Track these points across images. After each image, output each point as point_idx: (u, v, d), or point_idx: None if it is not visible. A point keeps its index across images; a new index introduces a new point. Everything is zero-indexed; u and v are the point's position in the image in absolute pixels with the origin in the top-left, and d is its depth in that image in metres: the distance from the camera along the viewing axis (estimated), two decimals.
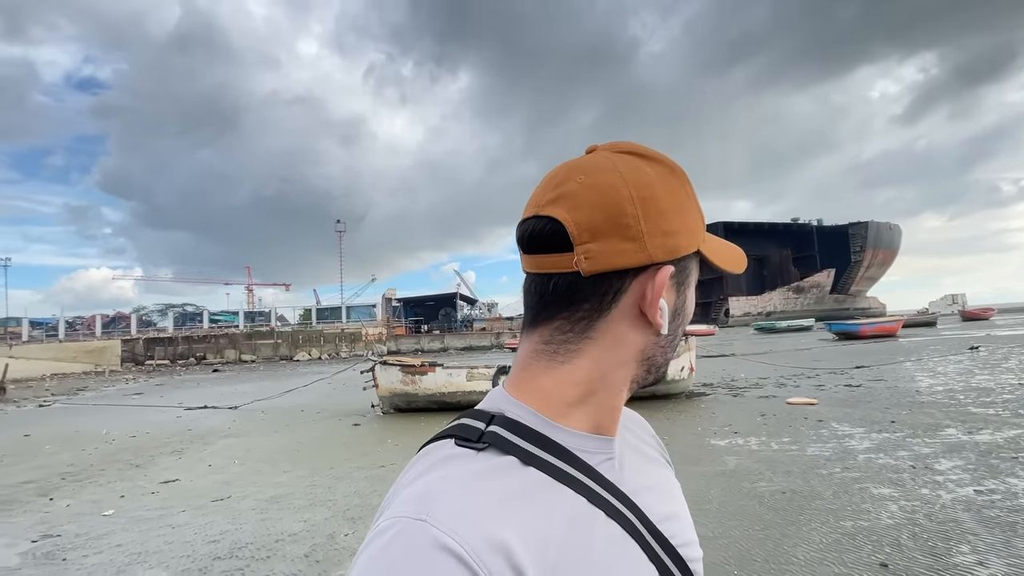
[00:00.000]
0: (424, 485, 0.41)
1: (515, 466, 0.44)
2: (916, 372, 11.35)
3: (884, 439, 5.67)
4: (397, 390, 9.34)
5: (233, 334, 45.39)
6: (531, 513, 0.41)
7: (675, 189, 0.48)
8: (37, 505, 4.88)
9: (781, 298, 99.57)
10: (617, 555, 0.44)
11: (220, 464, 6.17)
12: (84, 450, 7.47)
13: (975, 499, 3.76)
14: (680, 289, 0.49)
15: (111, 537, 3.93)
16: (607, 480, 0.47)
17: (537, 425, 0.47)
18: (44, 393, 19.52)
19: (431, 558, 0.36)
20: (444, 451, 0.45)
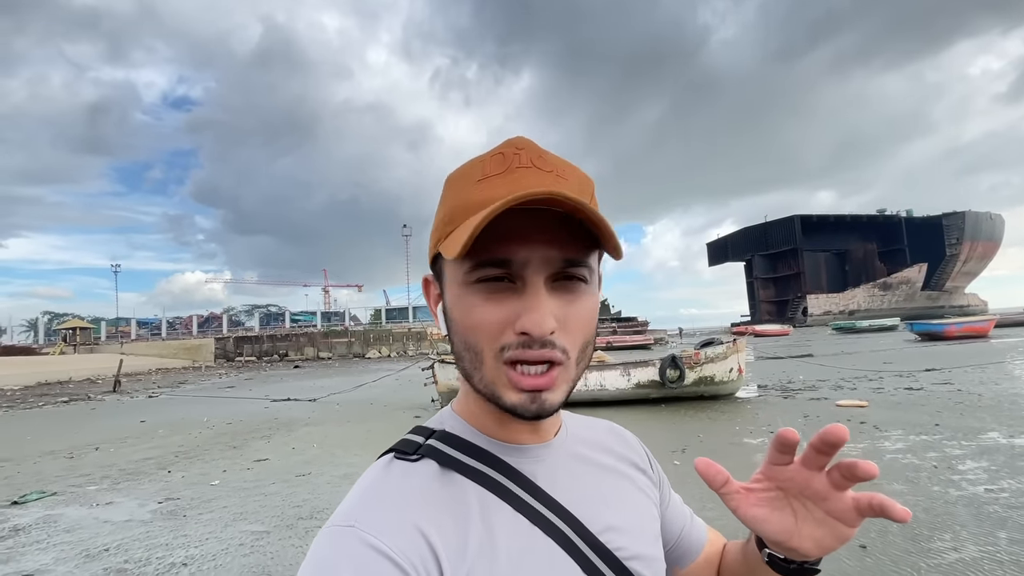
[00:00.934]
0: (356, 496, 0.46)
1: (443, 474, 0.47)
2: (990, 376, 10.82)
3: (919, 441, 5.74)
4: (454, 386, 10.09)
5: (311, 333, 48.57)
6: (452, 514, 0.44)
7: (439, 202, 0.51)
8: (158, 476, 5.96)
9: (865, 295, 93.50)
10: (538, 561, 0.45)
11: (302, 447, 7.12)
12: (190, 434, 8.72)
13: (980, 496, 3.93)
14: (442, 291, 0.50)
15: (218, 501, 4.85)
16: (536, 487, 0.49)
17: (470, 436, 0.50)
18: (152, 386, 21.97)
19: (359, 557, 0.40)
20: (382, 465, 0.49)
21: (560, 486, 0.50)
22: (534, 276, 0.45)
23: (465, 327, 0.46)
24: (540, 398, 0.45)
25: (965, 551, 3.07)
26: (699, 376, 9.32)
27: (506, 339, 0.45)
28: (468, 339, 0.46)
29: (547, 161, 0.47)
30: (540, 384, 0.45)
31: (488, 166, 0.47)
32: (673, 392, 9.20)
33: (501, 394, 0.46)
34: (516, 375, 0.45)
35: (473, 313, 0.46)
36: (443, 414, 0.54)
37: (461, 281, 0.46)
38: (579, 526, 0.49)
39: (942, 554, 3.06)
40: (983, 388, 9.18)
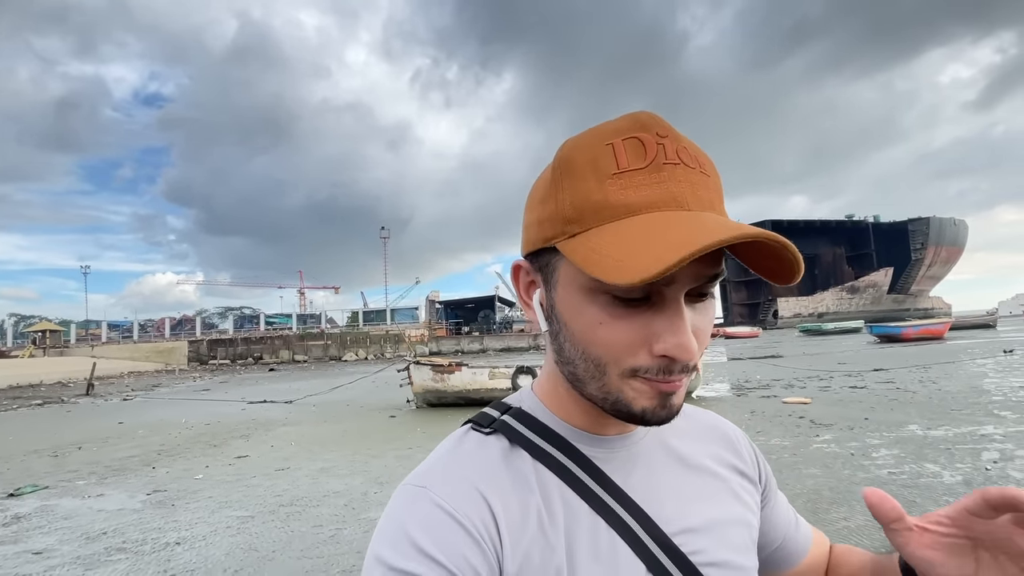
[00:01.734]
0: (432, 462, 0.49)
1: (512, 450, 0.49)
2: (931, 375, 11.67)
3: (847, 433, 6.39)
4: (428, 387, 10.53)
5: (287, 335, 48.28)
6: (515, 489, 0.46)
7: (545, 177, 0.46)
8: (144, 472, 6.27)
9: (834, 299, 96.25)
10: (599, 550, 0.45)
11: (280, 445, 7.48)
12: (170, 434, 8.98)
13: (882, 478, 4.55)
14: (547, 287, 0.46)
15: (204, 492, 5.22)
16: (605, 476, 0.48)
17: (544, 418, 0.50)
18: (125, 389, 21.83)
19: (428, 514, 0.43)
20: (459, 434, 0.51)
21: (635, 480, 0.49)
22: (677, 293, 0.41)
23: (588, 340, 0.43)
24: (669, 403, 0.43)
25: (853, 520, 3.65)
26: None
27: (640, 361, 0.41)
28: (590, 351, 0.43)
29: (689, 153, 0.42)
30: (673, 388, 0.42)
31: (624, 155, 0.41)
32: None
33: (628, 402, 0.42)
34: (652, 384, 0.42)
35: (600, 329, 0.42)
36: (523, 393, 0.54)
37: (586, 288, 0.42)
38: (650, 523, 0.47)
39: (834, 523, 3.63)
40: (920, 386, 9.96)
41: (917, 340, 26.12)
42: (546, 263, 0.46)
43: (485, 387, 10.20)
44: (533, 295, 0.48)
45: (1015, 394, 8.49)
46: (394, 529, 0.43)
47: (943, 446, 5.51)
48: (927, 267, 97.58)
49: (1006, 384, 9.64)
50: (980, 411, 7.24)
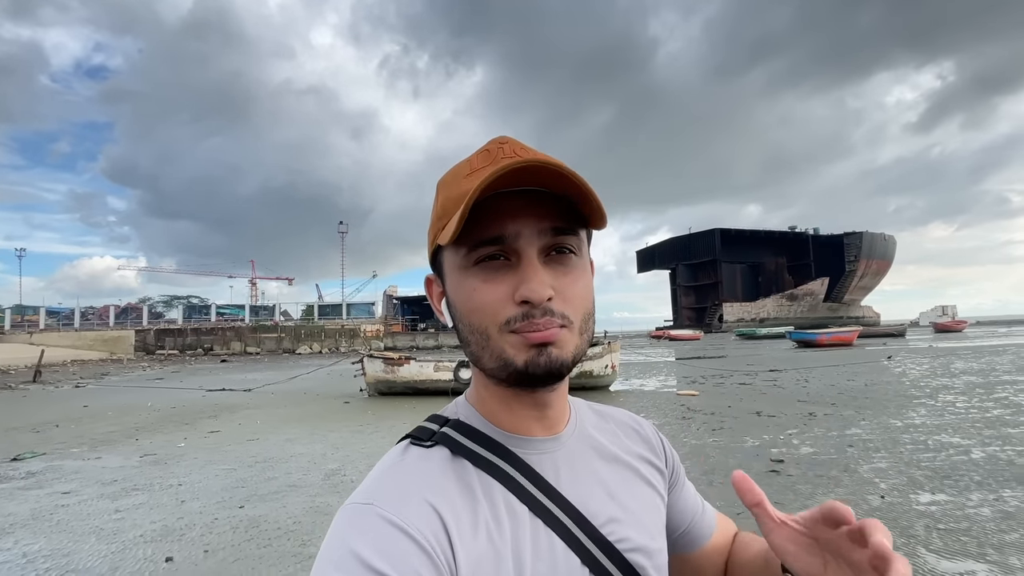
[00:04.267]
0: (375, 478, 0.50)
1: (455, 461, 0.51)
2: (811, 376, 13.78)
3: (711, 417, 8.13)
4: (380, 378, 11.82)
5: (239, 327, 48.03)
6: (462, 498, 0.48)
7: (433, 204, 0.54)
8: (129, 442, 7.36)
9: (775, 305, 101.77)
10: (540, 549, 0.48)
11: (247, 423, 8.66)
12: (140, 415, 9.96)
13: (706, 444, 6.22)
14: (443, 283, 0.54)
15: (188, 454, 6.42)
16: (540, 478, 0.52)
17: (480, 426, 0.54)
18: (73, 377, 21.95)
19: (377, 530, 0.44)
20: (399, 450, 0.53)
21: (564, 479, 0.53)
22: (527, 248, 0.48)
23: (468, 310, 0.50)
24: (547, 351, 0.48)
25: None
26: (580, 371, 11.56)
27: (509, 312, 0.48)
28: (472, 321, 0.49)
29: (530, 151, 0.50)
30: (547, 337, 0.47)
31: (475, 162, 0.50)
32: None
33: (512, 358, 0.48)
34: (523, 333, 0.47)
35: (475, 295, 0.49)
36: (458, 403, 0.57)
37: (460, 266, 0.50)
38: (581, 519, 0.51)
39: None
40: (794, 385, 11.97)
41: (830, 346, 29.03)
42: (440, 265, 0.54)
43: (431, 378, 11.58)
44: (442, 302, 0.55)
45: (850, 390, 10.52)
46: (339, 549, 0.43)
47: (769, 425, 7.29)
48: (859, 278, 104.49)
49: (857, 383, 11.75)
50: (816, 402, 9.15)
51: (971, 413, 7.67)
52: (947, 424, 6.94)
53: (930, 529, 3.57)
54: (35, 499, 4.84)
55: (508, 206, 0.48)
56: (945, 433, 6.43)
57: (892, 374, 13.42)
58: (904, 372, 13.81)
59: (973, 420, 7.15)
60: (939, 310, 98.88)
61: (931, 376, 12.68)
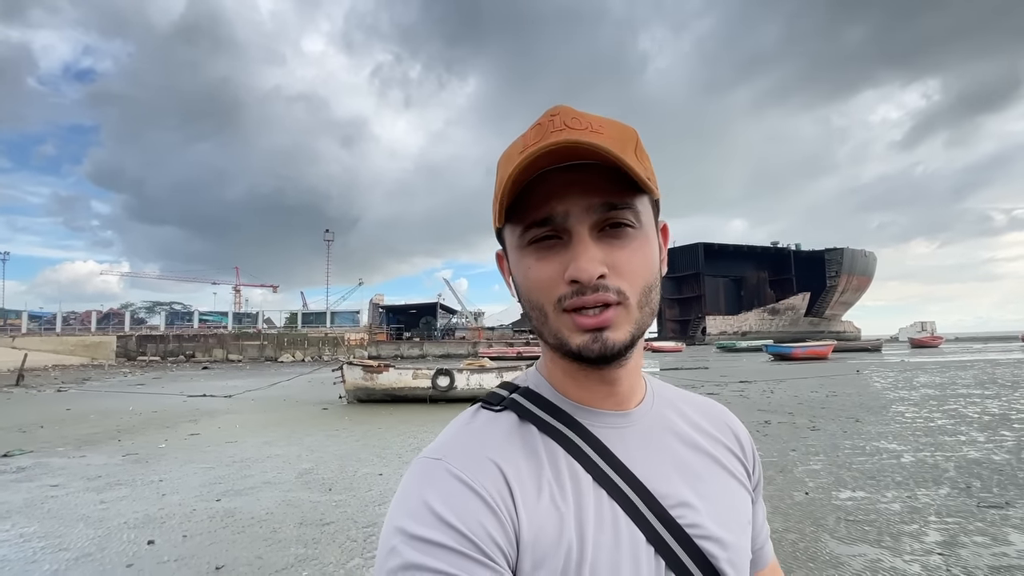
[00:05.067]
0: (446, 436, 0.52)
1: (522, 426, 0.52)
2: (777, 388, 14.30)
3: None
4: (360, 385, 12.11)
5: (222, 334, 47.79)
6: (527, 461, 0.50)
7: None
8: (112, 443, 7.60)
9: (757, 319, 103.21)
10: (603, 519, 0.49)
11: (226, 427, 8.92)
12: (122, 418, 10.15)
13: None
14: (508, 261, 0.55)
15: (169, 455, 6.70)
16: (607, 450, 0.52)
17: (549, 395, 0.55)
18: (55, 381, 21.89)
19: (446, 483, 0.46)
20: (470, 412, 0.55)
21: (635, 455, 0.52)
22: (578, 227, 0.48)
23: (527, 288, 0.51)
24: (601, 337, 0.48)
25: None
26: None
27: (561, 291, 0.48)
28: (531, 298, 0.51)
29: (581, 121, 0.49)
30: (599, 323, 0.48)
31: (528, 138, 0.49)
32: None
33: (567, 339, 0.49)
34: (578, 317, 0.48)
35: (530, 273, 0.50)
36: (529, 373, 0.59)
37: (518, 245, 0.51)
38: (648, 496, 0.51)
39: None
40: (760, 395, 12.46)
41: (805, 359, 29.76)
42: (503, 242, 0.55)
43: (409, 385, 11.90)
44: (510, 277, 0.55)
45: (811, 401, 11.03)
46: (412, 499, 0.46)
47: None
48: (840, 293, 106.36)
49: (816, 396, 12.28)
50: (775, 411, 9.63)
51: (916, 423, 8.18)
52: (889, 432, 7.43)
53: (839, 520, 4.01)
54: (26, 490, 5.11)
55: (555, 184, 0.48)
56: (884, 440, 6.91)
57: (856, 387, 13.99)
58: (868, 385, 14.39)
59: (915, 429, 7.65)
60: (918, 326, 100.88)
61: (892, 389, 13.26)
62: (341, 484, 5.24)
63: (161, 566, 3.38)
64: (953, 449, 6.32)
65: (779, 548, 3.47)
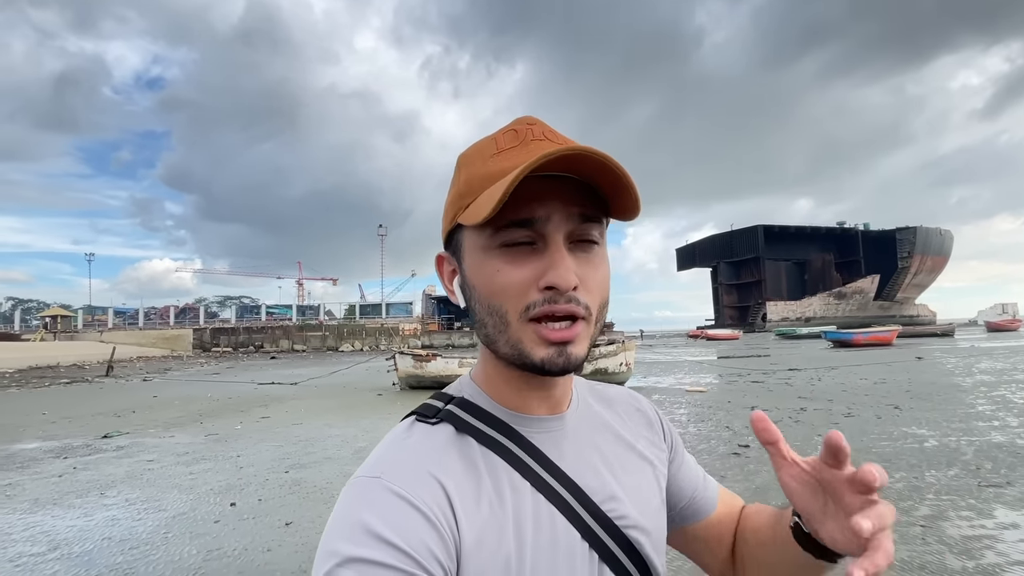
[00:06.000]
0: (382, 453, 0.52)
1: (459, 438, 0.52)
2: (830, 374, 14.09)
3: (702, 410, 8.79)
4: (410, 372, 12.92)
5: (287, 326, 50.69)
6: (468, 473, 0.50)
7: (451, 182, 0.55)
8: (195, 425, 8.64)
9: (821, 304, 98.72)
10: (541, 523, 0.50)
11: (292, 411, 9.87)
12: (202, 404, 11.35)
13: (686, 430, 6.94)
14: (460, 264, 0.54)
15: (245, 435, 7.61)
16: (542, 455, 0.53)
17: (484, 404, 0.55)
18: (140, 371, 24.06)
19: (385, 501, 0.45)
20: (405, 426, 0.55)
21: (567, 456, 0.54)
22: (555, 234, 0.48)
23: (490, 291, 0.50)
24: (566, 351, 0.49)
25: None
26: (595, 368, 12.33)
27: (531, 297, 0.48)
28: (492, 303, 0.50)
29: (558, 135, 0.51)
30: (566, 336, 0.48)
31: (502, 141, 0.51)
32: None
33: (529, 351, 0.49)
34: (544, 330, 0.48)
35: (498, 276, 0.49)
36: (462, 381, 0.59)
37: (483, 247, 0.50)
38: (581, 495, 0.53)
39: None
40: (805, 383, 12.38)
41: (866, 346, 28.60)
42: (457, 243, 0.54)
43: (455, 373, 12.57)
44: (454, 281, 0.55)
45: (857, 388, 10.90)
46: (347, 520, 0.45)
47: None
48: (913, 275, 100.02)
49: (864, 383, 12.06)
50: (814, 399, 9.65)
51: (957, 410, 8.07)
52: (925, 419, 7.42)
53: None
54: (127, 465, 6.06)
55: (538, 189, 0.47)
56: (916, 426, 6.94)
57: (910, 374, 13.59)
58: (923, 372, 13.94)
59: (953, 416, 7.58)
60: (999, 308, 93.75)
61: (947, 376, 12.84)
62: None
63: (242, 522, 4.10)
64: (981, 434, 6.32)
65: None
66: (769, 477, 4.87)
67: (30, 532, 4.02)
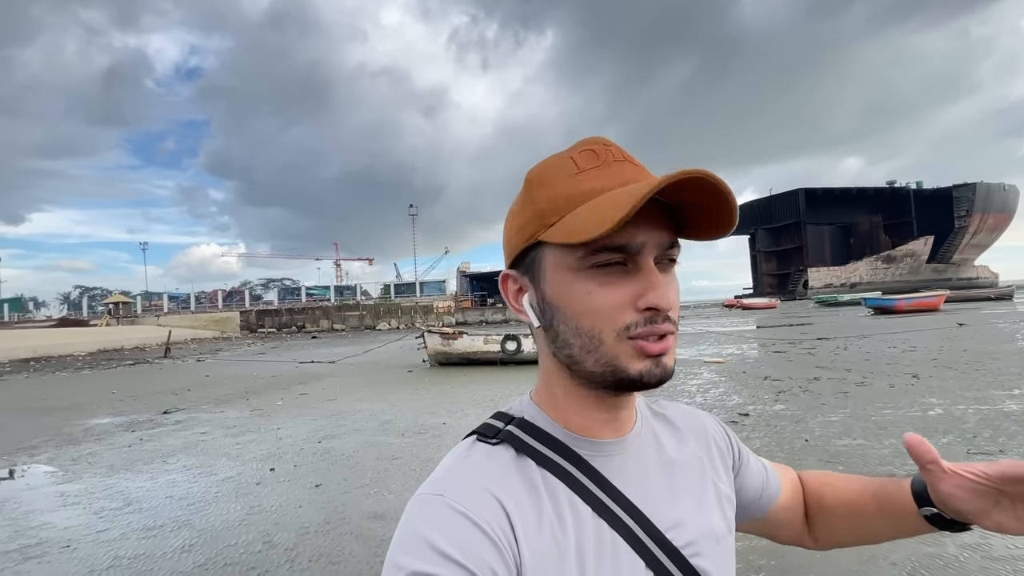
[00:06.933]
0: (444, 471, 0.52)
1: (519, 459, 0.52)
2: (859, 343, 13.99)
3: (718, 378, 9.03)
4: (439, 350, 13.53)
5: (326, 306, 52.56)
6: (528, 495, 0.49)
7: (519, 196, 0.55)
8: (241, 401, 9.46)
9: (868, 268, 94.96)
10: (603, 550, 0.49)
11: (328, 388, 10.62)
12: (248, 383, 12.27)
13: (693, 400, 7.24)
14: (535, 284, 0.53)
15: (285, 410, 8.34)
16: (606, 480, 0.52)
17: (545, 426, 0.54)
18: (193, 353, 25.65)
19: (447, 519, 0.46)
20: (466, 445, 0.55)
21: (630, 481, 0.54)
22: (648, 257, 0.49)
23: (579, 313, 0.49)
24: (662, 362, 0.49)
25: None
26: None
27: (629, 318, 0.48)
28: (582, 324, 0.49)
29: (632, 157, 0.52)
30: (663, 348, 0.49)
31: (581, 161, 0.51)
32: None
33: (626, 366, 0.49)
34: (643, 344, 0.48)
35: (590, 298, 0.49)
36: (523, 402, 0.58)
37: (572, 267, 0.50)
38: (646, 522, 0.52)
39: None
40: (828, 353, 12.39)
41: (910, 312, 27.71)
42: (531, 261, 0.53)
43: (481, 350, 13.14)
44: (523, 299, 0.54)
45: (883, 357, 10.87)
46: (411, 535, 0.45)
47: (764, 387, 8.13)
48: (971, 235, 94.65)
49: (892, 351, 11.97)
50: (833, 368, 9.73)
51: (980, 378, 8.05)
52: (940, 387, 7.49)
53: (824, 463, 4.55)
54: (184, 437, 6.83)
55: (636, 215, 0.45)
56: (928, 395, 7.04)
57: (945, 341, 13.36)
58: (959, 339, 13.67)
59: (969, 385, 7.60)
60: None
61: (986, 343, 12.57)
62: (412, 431, 6.47)
63: (279, 484, 4.73)
64: (992, 403, 6.39)
65: None
66: (759, 444, 5.18)
67: (108, 492, 4.74)
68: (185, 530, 3.81)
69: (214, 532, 3.75)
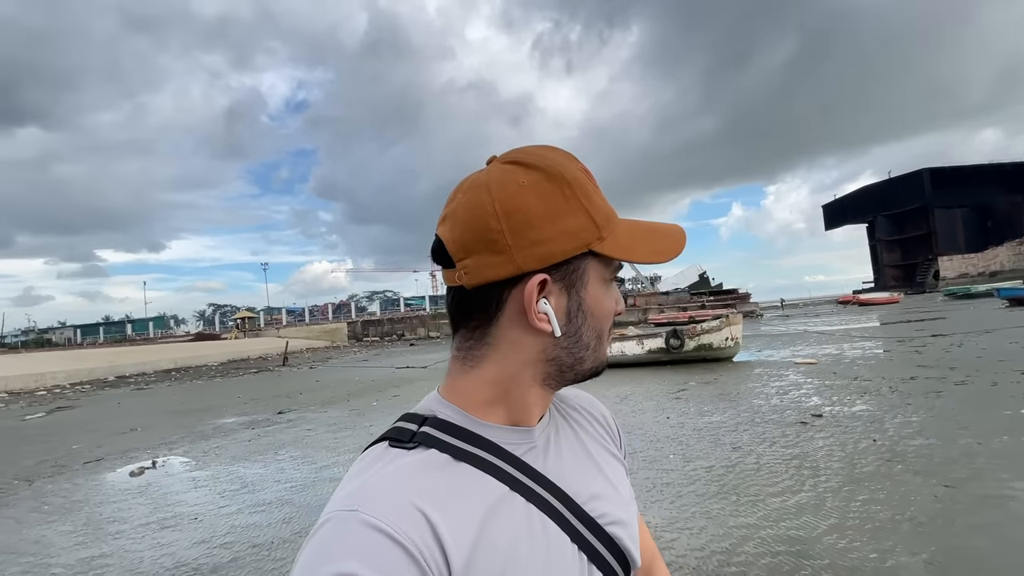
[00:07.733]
0: (356, 482, 0.47)
1: (441, 459, 0.50)
2: (979, 340, 12.67)
3: (803, 380, 8.71)
4: None
5: (422, 315, 55.31)
6: (454, 497, 0.47)
7: (549, 195, 0.51)
8: (343, 402, 10.56)
9: (1010, 254, 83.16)
10: (535, 534, 0.50)
11: (419, 390, 11.49)
12: (350, 386, 13.54)
13: (771, 406, 7.11)
14: (570, 291, 0.52)
15: (379, 410, 9.26)
16: (529, 467, 0.53)
17: (463, 423, 0.53)
18: (308, 360, 28.29)
19: (363, 538, 0.42)
20: (377, 452, 0.51)
21: (549, 462, 0.55)
22: None
23: (599, 316, 0.55)
24: None
25: (738, 430, 6.42)
26: (699, 343, 12.44)
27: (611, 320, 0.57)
28: (598, 326, 0.55)
29: None
30: None
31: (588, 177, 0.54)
32: (678, 356, 12.46)
33: (603, 358, 0.57)
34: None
35: (606, 304, 0.55)
36: (430, 399, 0.57)
37: (603, 279, 0.55)
38: (567, 499, 0.53)
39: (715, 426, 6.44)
40: (939, 351, 11.35)
41: None
42: (573, 269, 0.52)
43: None
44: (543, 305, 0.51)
45: (999, 355, 9.81)
46: (321, 560, 0.41)
47: (850, 388, 7.76)
48: None
49: (1013, 348, 10.73)
50: (935, 367, 8.99)
51: None
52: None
53: (885, 461, 4.44)
54: (293, 433, 7.87)
55: None
56: None
57: None
58: None
59: None
60: None
61: None
62: None
63: None
64: None
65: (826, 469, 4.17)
66: (821, 444, 5.11)
67: (230, 477, 5.72)
68: (287, 506, 4.58)
69: (309, 508, 4.48)
